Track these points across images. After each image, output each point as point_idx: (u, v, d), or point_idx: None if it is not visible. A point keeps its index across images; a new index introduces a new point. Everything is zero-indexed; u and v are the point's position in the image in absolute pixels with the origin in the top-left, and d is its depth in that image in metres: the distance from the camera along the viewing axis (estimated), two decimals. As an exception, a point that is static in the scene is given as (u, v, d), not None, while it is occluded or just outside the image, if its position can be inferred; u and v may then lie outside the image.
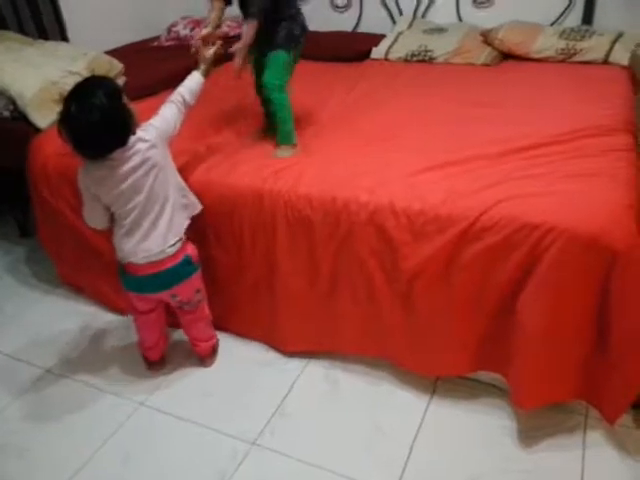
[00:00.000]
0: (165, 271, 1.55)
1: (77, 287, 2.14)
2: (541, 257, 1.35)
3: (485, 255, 1.41)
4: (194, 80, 1.64)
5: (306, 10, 3.18)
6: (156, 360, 1.78)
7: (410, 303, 1.54)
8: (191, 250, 1.62)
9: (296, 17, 1.86)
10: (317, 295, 1.68)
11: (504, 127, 1.89)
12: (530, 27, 2.70)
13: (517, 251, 1.38)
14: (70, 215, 1.92)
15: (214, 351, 1.81)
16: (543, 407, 1.50)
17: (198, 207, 1.66)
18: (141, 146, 1.46)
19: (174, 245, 1.55)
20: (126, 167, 1.45)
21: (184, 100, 1.60)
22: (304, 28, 1.88)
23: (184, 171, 1.72)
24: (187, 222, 1.61)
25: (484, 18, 2.90)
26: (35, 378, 1.80)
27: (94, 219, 1.57)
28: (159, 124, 1.53)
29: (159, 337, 1.75)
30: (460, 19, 3.00)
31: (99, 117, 1.36)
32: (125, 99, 1.45)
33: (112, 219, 1.57)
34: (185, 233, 1.60)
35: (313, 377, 1.73)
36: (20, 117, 2.09)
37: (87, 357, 1.87)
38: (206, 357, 1.79)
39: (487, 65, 2.63)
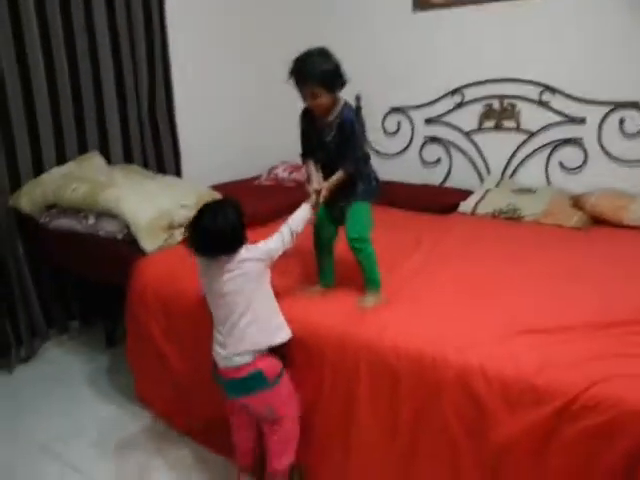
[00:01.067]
0: (231, 380, 1.64)
1: (151, 406, 2.15)
2: (653, 447, 1.22)
3: (585, 437, 1.29)
4: (305, 212, 1.79)
5: (397, 164, 3.48)
6: (247, 464, 1.78)
7: (496, 478, 1.41)
8: (265, 365, 1.64)
9: (370, 172, 1.93)
10: (395, 453, 1.58)
11: (599, 297, 1.82)
12: (622, 195, 2.71)
13: (624, 437, 1.25)
14: (159, 338, 2.00)
15: (284, 475, 1.71)
16: None
17: (284, 335, 1.70)
18: (243, 256, 1.62)
19: (242, 356, 1.61)
20: (225, 269, 1.61)
21: (290, 229, 1.74)
22: (377, 180, 1.95)
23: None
24: (270, 341, 1.66)
25: (573, 183, 2.97)
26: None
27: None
28: (263, 245, 1.69)
29: (250, 440, 1.76)
30: (549, 182, 3.08)
31: (227, 228, 1.58)
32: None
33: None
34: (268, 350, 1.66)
35: None
36: (130, 241, 2.28)
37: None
38: (272, 476, 1.71)
39: (577, 229, 2.62)
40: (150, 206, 2.30)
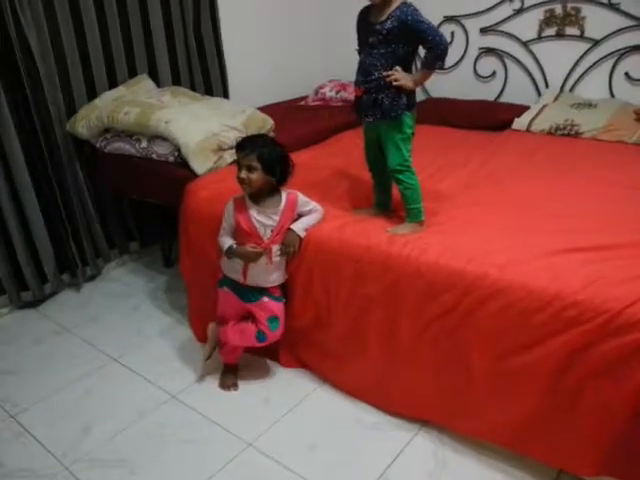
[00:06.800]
0: None
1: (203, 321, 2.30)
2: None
3: (625, 352, 1.30)
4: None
5: (450, 78, 3.32)
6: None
7: (539, 389, 1.46)
8: None
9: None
10: (432, 367, 1.66)
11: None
12: (694, 107, 2.52)
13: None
14: (210, 255, 2.09)
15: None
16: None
17: None
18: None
19: None
20: None
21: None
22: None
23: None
24: None
25: (639, 95, 2.76)
26: (158, 400, 1.94)
27: None
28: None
29: None
30: (612, 95, 2.88)
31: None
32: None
33: None
34: None
35: (420, 450, 1.68)
36: (182, 162, 2.35)
37: (206, 388, 1.99)
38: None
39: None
40: (199, 128, 2.33)
